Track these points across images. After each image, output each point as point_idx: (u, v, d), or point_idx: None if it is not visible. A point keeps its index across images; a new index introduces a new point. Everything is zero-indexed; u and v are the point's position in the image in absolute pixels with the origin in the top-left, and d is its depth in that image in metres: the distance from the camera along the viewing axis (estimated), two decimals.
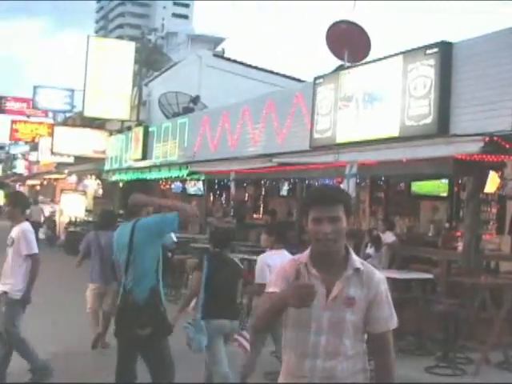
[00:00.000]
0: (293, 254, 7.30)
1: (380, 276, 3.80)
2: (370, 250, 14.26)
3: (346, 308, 3.66)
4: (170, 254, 8.06)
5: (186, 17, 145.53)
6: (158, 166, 25.51)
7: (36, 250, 8.59)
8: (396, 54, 13.87)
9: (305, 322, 3.68)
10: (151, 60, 38.88)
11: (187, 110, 27.66)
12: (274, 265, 7.44)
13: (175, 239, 10.34)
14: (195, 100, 29.25)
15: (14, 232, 8.54)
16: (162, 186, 26.71)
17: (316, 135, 15.90)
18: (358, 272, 3.72)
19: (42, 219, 33.84)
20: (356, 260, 3.77)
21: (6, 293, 8.39)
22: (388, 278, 11.90)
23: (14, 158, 75.13)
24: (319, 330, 3.66)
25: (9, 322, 8.49)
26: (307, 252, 3.85)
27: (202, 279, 7.51)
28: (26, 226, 8.69)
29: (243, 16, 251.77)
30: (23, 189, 68.49)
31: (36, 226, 32.41)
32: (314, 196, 3.89)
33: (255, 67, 35.20)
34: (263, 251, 9.04)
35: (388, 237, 14.74)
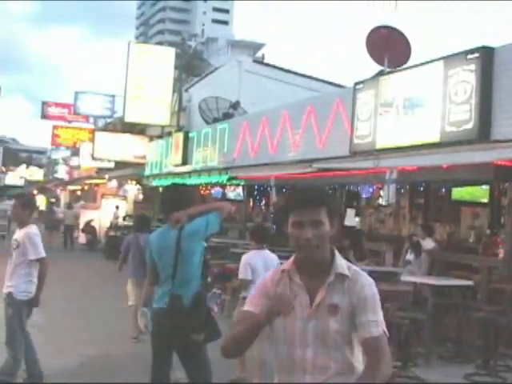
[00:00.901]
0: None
1: (365, 280, 3.52)
2: (409, 256, 14.19)
3: (329, 316, 3.43)
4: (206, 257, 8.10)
5: (226, 22, 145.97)
6: (198, 172, 25.58)
7: (43, 254, 8.47)
8: (436, 60, 13.80)
9: (290, 335, 3.48)
10: (191, 66, 39.07)
11: (227, 116, 27.74)
12: (254, 263, 9.24)
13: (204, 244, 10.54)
14: (235, 105, 29.31)
15: (19, 235, 8.44)
16: (201, 191, 26.80)
17: (356, 141, 15.88)
18: (341, 277, 3.48)
19: (76, 223, 35.14)
20: (340, 265, 3.53)
21: (11, 293, 8.30)
22: (428, 285, 11.84)
23: (55, 163, 75.88)
24: (304, 342, 3.44)
25: (15, 323, 8.39)
26: (291, 259, 3.65)
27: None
28: (33, 229, 8.59)
29: (283, 21, 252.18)
30: (64, 194, 69.19)
31: (69, 229, 33.86)
32: (295, 198, 3.60)
33: (295, 73, 35.25)
34: None
35: (428, 243, 14.64)
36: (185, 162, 27.52)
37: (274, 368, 3.61)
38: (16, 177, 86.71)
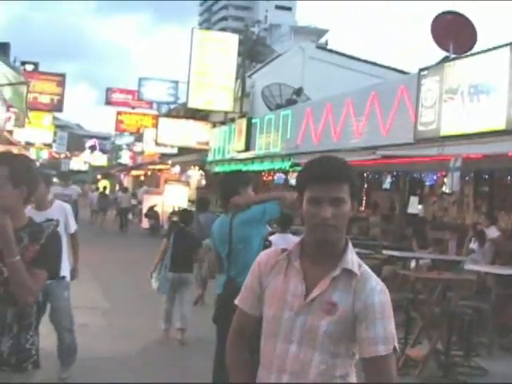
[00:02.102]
0: None
1: (376, 285, 3.02)
2: (473, 245, 14.07)
3: (323, 315, 2.96)
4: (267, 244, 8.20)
5: (289, 8, 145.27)
6: (261, 158, 25.66)
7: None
8: (503, 46, 13.59)
9: (275, 327, 3.05)
10: (254, 52, 38.96)
11: (290, 102, 27.68)
12: (277, 244, 9.42)
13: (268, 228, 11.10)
14: (298, 92, 29.24)
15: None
16: (264, 178, 26.87)
17: (420, 128, 15.74)
18: (348, 274, 3.00)
19: (131, 206, 38.34)
20: (350, 260, 3.03)
21: (65, 277, 8.16)
22: (492, 274, 11.72)
23: (119, 148, 76.69)
24: (288, 337, 3.01)
25: (69, 307, 8.41)
26: (297, 240, 3.17)
27: None
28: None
29: (346, 7, 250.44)
30: (127, 179, 70.00)
31: (125, 211, 36.36)
32: (313, 170, 3.08)
33: (358, 59, 35.02)
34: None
35: (492, 232, 14.49)
36: (247, 148, 27.63)
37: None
38: (80, 162, 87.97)
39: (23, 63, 46.16)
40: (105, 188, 41.41)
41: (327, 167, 3.06)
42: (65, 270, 7.92)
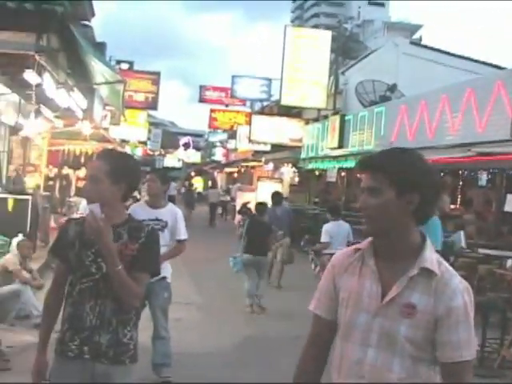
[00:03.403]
0: None
1: (459, 285, 2.84)
2: None
3: (402, 318, 2.81)
4: None
5: (382, 4, 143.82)
6: (355, 155, 25.62)
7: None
8: None
9: (351, 330, 2.93)
10: (347, 48, 38.94)
11: (384, 99, 27.58)
12: (331, 230, 13.58)
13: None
14: (392, 88, 29.06)
15: (164, 214, 8.13)
16: (357, 175, 26.76)
17: None
18: (428, 274, 2.83)
19: (219, 201, 41.28)
20: (429, 258, 2.86)
21: (165, 278, 8.03)
22: None
23: (213, 145, 77.51)
24: (366, 341, 2.87)
25: (167, 307, 8.36)
26: (370, 238, 3.02)
27: None
28: (178, 209, 8.58)
29: (440, 2, 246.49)
30: (221, 176, 70.70)
31: (213, 206, 39.01)
32: (359, 161, 3.04)
33: (453, 54, 34.51)
34: None
35: None
36: (341, 145, 27.58)
37: (331, 366, 3.05)
38: (174, 159, 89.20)
39: (118, 62, 47.08)
40: (190, 185, 42.53)
41: (366, 157, 3.01)
42: (166, 271, 7.85)
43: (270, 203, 17.19)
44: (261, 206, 15.05)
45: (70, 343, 4.01)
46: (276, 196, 17.81)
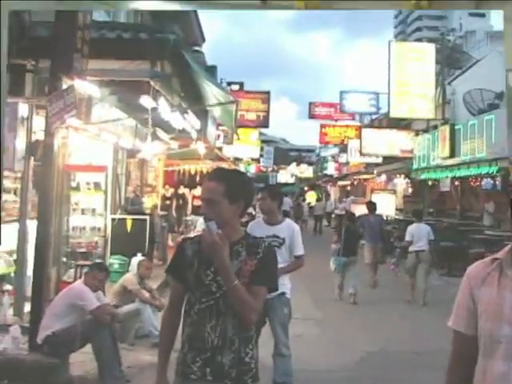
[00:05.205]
0: None
1: None
2: None
3: None
4: None
5: (482, 15, 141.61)
6: (467, 164, 25.90)
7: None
8: None
9: (494, 343, 2.74)
10: (452, 59, 39.10)
11: (493, 107, 27.72)
12: (413, 231, 16.38)
13: None
14: (500, 96, 29.20)
15: (282, 230, 8.13)
16: (471, 183, 27.08)
17: None
18: None
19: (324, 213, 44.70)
20: None
21: (284, 293, 7.96)
22: None
23: (325, 160, 78.05)
24: (510, 355, 2.68)
25: (287, 323, 8.25)
26: (509, 246, 2.86)
27: None
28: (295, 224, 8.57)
29: None
30: (334, 189, 71.36)
31: (319, 218, 42.68)
32: None
33: None
34: None
35: None
36: (452, 154, 27.74)
37: (474, 380, 2.86)
38: (287, 174, 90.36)
39: (229, 84, 48.28)
40: (298, 199, 46.21)
41: None
42: (285, 287, 7.86)
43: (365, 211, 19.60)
44: (352, 215, 18.27)
45: (192, 365, 3.96)
46: (370, 205, 19.70)
